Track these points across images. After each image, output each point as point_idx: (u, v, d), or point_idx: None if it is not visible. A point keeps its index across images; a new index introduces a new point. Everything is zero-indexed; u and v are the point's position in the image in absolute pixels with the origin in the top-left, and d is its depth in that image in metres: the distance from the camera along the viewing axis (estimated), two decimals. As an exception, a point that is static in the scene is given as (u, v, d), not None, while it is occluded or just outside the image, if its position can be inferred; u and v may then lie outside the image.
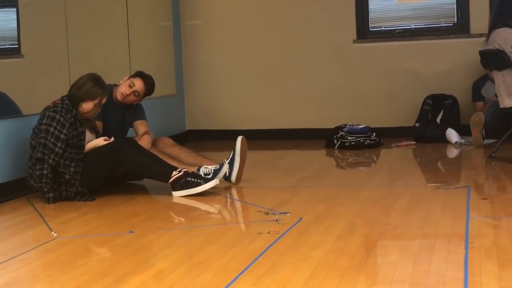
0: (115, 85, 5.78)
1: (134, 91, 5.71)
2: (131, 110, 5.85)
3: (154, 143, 5.67)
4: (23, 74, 5.70)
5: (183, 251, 3.68)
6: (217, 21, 8.50)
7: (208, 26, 8.52)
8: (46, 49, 5.89)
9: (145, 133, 5.75)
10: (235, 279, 3.11)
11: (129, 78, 5.75)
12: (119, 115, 5.80)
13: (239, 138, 5.51)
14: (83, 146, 5.10)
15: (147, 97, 5.89)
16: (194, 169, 5.38)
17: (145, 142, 5.51)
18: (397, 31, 8.15)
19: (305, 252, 3.47)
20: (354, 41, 8.14)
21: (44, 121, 4.98)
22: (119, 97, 5.70)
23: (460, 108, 7.70)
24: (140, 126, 5.84)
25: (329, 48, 8.21)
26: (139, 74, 5.79)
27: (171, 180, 5.04)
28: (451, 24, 7.99)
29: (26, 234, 4.29)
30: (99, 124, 5.50)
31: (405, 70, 8.04)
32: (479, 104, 7.55)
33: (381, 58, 8.09)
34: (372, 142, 7.38)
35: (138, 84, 5.72)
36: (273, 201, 4.78)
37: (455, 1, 7.93)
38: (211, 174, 5.33)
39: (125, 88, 5.71)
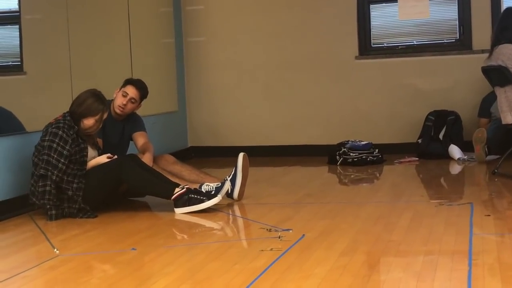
0: (111, 100, 5.79)
1: (130, 99, 5.72)
2: (130, 123, 5.87)
3: (155, 161, 5.66)
4: (25, 91, 5.71)
5: (185, 269, 3.66)
6: (219, 38, 8.52)
7: (210, 43, 8.54)
8: (48, 66, 5.91)
9: (145, 144, 5.76)
10: (238, 296, 3.10)
11: (120, 89, 5.76)
12: (119, 129, 5.81)
13: (241, 155, 5.50)
14: (85, 162, 5.10)
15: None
16: (196, 186, 5.37)
17: (147, 159, 5.50)
18: (399, 47, 8.15)
19: (308, 269, 3.46)
20: (356, 58, 8.15)
21: (46, 138, 4.98)
22: (117, 110, 5.72)
23: (462, 124, 7.69)
24: (139, 137, 5.85)
25: (331, 64, 8.22)
26: (129, 82, 5.80)
27: (173, 197, 5.04)
28: (454, 40, 8.01)
29: (28, 251, 4.28)
30: (99, 141, 5.50)
31: (408, 86, 8.04)
32: (484, 120, 7.52)
33: (383, 74, 8.10)
34: (375, 158, 7.38)
35: (131, 91, 5.73)
36: (275, 218, 4.77)
37: (457, 17, 7.95)
38: (213, 192, 5.32)
39: (120, 99, 5.72)
